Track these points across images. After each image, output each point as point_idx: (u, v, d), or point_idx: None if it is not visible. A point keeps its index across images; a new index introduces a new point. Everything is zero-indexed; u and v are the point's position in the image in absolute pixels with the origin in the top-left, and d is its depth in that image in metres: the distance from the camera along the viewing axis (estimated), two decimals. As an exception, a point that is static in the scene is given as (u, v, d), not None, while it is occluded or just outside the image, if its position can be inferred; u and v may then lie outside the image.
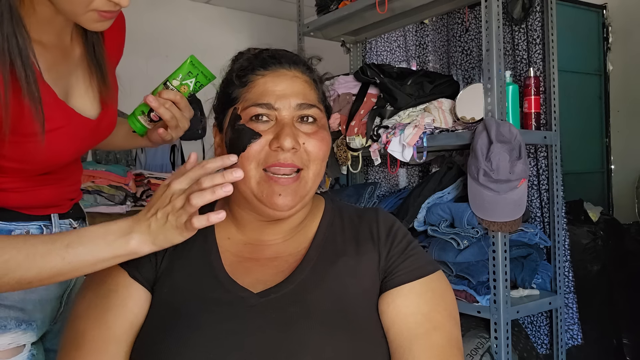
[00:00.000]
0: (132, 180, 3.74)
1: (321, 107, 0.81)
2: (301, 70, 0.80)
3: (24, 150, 0.82)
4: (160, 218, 0.65)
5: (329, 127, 0.86)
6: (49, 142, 0.81)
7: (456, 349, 0.72)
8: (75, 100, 0.89)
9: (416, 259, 0.77)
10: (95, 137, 0.96)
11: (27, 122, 0.78)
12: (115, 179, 3.62)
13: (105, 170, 3.66)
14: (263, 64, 0.79)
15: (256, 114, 0.75)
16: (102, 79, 0.92)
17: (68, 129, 0.86)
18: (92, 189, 3.50)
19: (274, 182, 0.73)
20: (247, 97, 0.78)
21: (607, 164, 2.97)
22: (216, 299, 0.72)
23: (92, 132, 0.93)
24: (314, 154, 0.76)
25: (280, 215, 0.76)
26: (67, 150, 0.89)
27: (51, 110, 0.81)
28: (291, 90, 0.77)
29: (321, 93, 0.83)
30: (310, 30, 2.34)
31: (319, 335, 0.67)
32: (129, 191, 3.66)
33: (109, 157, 4.45)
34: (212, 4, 5.01)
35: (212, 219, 0.63)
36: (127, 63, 1.41)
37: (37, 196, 0.92)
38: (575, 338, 1.97)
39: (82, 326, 0.72)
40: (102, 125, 0.95)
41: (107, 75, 0.94)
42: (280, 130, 0.74)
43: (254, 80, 0.78)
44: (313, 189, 0.78)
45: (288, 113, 0.76)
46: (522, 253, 1.73)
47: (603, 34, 2.96)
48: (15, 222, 0.91)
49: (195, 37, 4.77)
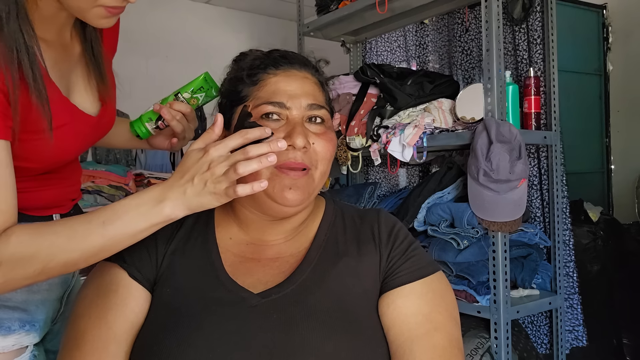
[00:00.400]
0: (132, 180, 3.74)
1: (328, 109, 0.82)
2: (311, 72, 0.82)
3: (31, 148, 0.81)
4: (197, 184, 0.66)
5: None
6: (56, 139, 0.80)
7: (457, 349, 0.72)
8: (77, 98, 0.89)
9: (417, 260, 0.77)
10: (96, 134, 0.96)
11: (34, 119, 0.77)
12: (115, 179, 3.62)
13: (105, 170, 3.66)
14: (275, 63, 0.80)
15: (268, 112, 0.76)
16: (100, 76, 0.92)
17: (72, 126, 0.86)
18: (92, 189, 3.50)
19: (285, 175, 0.74)
20: (259, 95, 0.78)
21: (607, 164, 2.97)
22: (217, 299, 0.72)
23: (94, 128, 0.93)
24: (322, 153, 0.77)
25: (287, 211, 0.77)
26: (72, 147, 0.89)
27: (57, 107, 0.81)
28: (302, 91, 0.78)
29: (327, 95, 0.85)
30: (310, 30, 2.34)
31: (320, 335, 0.67)
32: (129, 191, 3.66)
33: (109, 157, 4.45)
34: (212, 4, 5.01)
35: (255, 187, 0.64)
36: (127, 63, 1.43)
37: (40, 197, 0.92)
38: (580, 339, 1.97)
39: (82, 326, 0.72)
40: (102, 122, 0.95)
41: (105, 72, 0.94)
42: (292, 129, 0.75)
43: (266, 79, 0.79)
44: (318, 188, 0.79)
45: (298, 113, 0.77)
46: (522, 253, 1.73)
47: (603, 34, 2.96)
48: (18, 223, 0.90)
49: (195, 37, 4.77)
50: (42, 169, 0.89)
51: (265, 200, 0.76)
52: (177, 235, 0.80)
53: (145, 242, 0.78)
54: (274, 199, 0.75)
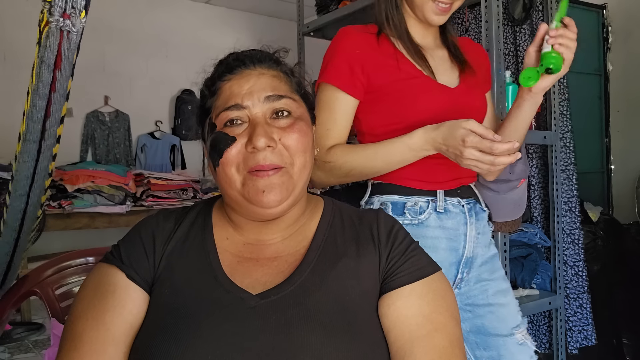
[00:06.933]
0: (131, 180, 3.74)
1: (295, 97, 0.79)
2: (267, 66, 0.79)
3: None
4: (450, 153, 0.99)
5: (314, 116, 0.85)
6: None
7: (458, 350, 0.72)
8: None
9: (416, 260, 0.77)
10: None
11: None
12: (115, 179, 3.63)
13: (105, 170, 3.66)
14: (228, 68, 0.79)
15: (229, 118, 0.75)
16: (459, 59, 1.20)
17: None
18: (92, 188, 3.50)
19: (256, 178, 0.73)
20: (217, 104, 0.77)
21: (607, 164, 2.97)
22: (215, 300, 0.71)
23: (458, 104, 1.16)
24: (293, 147, 0.75)
25: (271, 213, 0.75)
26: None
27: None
28: (258, 87, 0.76)
29: (295, 84, 0.82)
30: (310, 30, 2.34)
31: (319, 337, 0.67)
32: (129, 191, 3.66)
33: (109, 157, 4.46)
34: (212, 4, 5.01)
35: (512, 159, 0.91)
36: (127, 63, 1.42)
37: (426, 170, 1.13)
38: (590, 339, 1.96)
39: (80, 327, 0.71)
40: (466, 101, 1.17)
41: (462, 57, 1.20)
42: (252, 130, 0.73)
43: (221, 87, 0.78)
44: (301, 181, 0.77)
45: (259, 109, 0.75)
46: (522, 253, 1.73)
47: (603, 34, 2.96)
48: (408, 196, 1.14)
49: (195, 37, 4.78)
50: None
51: (248, 206, 0.75)
52: (174, 236, 0.79)
53: (143, 243, 0.78)
54: (253, 203, 0.74)
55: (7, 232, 1.25)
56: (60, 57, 0.88)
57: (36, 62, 0.90)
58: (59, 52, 0.88)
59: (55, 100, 0.96)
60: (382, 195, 1.17)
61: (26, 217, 1.24)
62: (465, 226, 1.15)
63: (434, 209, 1.13)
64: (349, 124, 1.16)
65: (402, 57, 1.14)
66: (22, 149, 1.03)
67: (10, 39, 3.98)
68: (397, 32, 1.16)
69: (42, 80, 0.91)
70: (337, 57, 1.14)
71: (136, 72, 4.56)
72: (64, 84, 0.94)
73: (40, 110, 0.96)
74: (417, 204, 1.13)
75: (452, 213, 1.14)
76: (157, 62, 4.68)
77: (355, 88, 1.13)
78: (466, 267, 1.16)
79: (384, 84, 1.12)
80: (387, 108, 1.13)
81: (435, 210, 1.13)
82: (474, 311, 1.18)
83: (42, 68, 0.89)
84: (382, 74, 1.12)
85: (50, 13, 0.83)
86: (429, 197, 1.14)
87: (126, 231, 0.82)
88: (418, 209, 1.13)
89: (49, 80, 0.91)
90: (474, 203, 1.19)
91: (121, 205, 3.57)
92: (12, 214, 1.20)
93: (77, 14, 0.84)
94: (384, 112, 1.14)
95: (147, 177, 3.83)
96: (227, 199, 0.79)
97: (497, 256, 1.24)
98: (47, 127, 1.00)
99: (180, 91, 4.77)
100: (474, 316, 1.18)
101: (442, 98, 1.12)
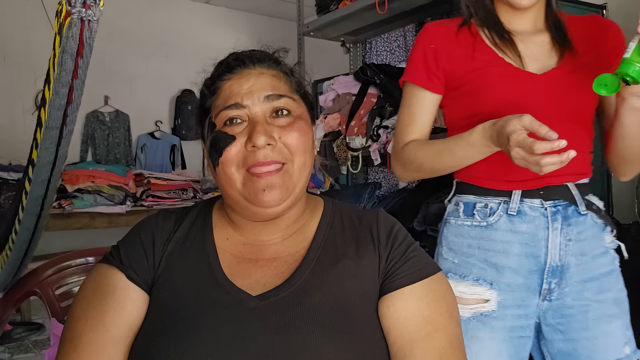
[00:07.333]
0: (131, 180, 3.74)
1: (295, 97, 0.79)
2: (267, 66, 0.80)
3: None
4: (505, 151, 0.93)
5: (313, 116, 0.85)
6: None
7: (458, 351, 0.72)
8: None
9: (417, 261, 0.77)
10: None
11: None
12: (115, 178, 3.63)
13: (105, 170, 3.66)
14: (228, 68, 0.79)
15: (228, 117, 0.75)
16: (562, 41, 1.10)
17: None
18: (92, 188, 3.50)
19: (257, 178, 0.73)
20: (217, 104, 0.78)
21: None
22: (215, 301, 0.71)
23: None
24: (293, 146, 0.75)
25: (271, 213, 0.75)
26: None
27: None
28: (257, 86, 0.76)
29: (295, 83, 0.82)
30: (310, 30, 2.34)
31: (319, 338, 0.67)
32: (129, 191, 3.66)
33: (109, 157, 4.46)
34: (212, 4, 5.01)
35: (563, 159, 0.85)
36: (127, 63, 1.43)
37: (503, 167, 1.05)
38: None
39: (80, 328, 0.71)
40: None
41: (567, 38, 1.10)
42: (252, 128, 0.73)
43: (221, 86, 0.78)
44: (301, 181, 0.77)
45: (259, 109, 0.75)
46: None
47: (603, 33, 2.96)
48: (481, 196, 1.09)
49: (195, 37, 4.78)
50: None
51: (248, 206, 0.75)
52: (174, 237, 0.79)
53: (143, 243, 0.78)
54: (253, 202, 0.74)
55: (26, 218, 1.29)
56: (82, 45, 0.92)
57: (57, 52, 0.93)
58: (80, 41, 0.91)
59: (77, 86, 0.99)
60: (461, 195, 1.13)
61: (45, 202, 1.28)
62: (546, 231, 1.04)
63: (505, 210, 1.05)
64: (429, 119, 1.14)
65: (480, 46, 1.10)
66: (44, 136, 1.06)
67: (10, 39, 3.98)
68: (483, 20, 1.11)
69: (65, 69, 0.94)
70: (414, 54, 1.14)
71: (136, 72, 4.56)
72: (85, 70, 0.98)
73: (63, 97, 1.00)
74: (488, 205, 1.07)
75: (528, 216, 1.05)
76: (157, 62, 4.68)
77: (431, 83, 1.11)
78: (554, 276, 1.05)
79: (459, 75, 1.10)
80: (463, 100, 1.10)
81: (507, 213, 1.05)
82: (567, 333, 1.06)
83: (64, 57, 0.92)
84: (457, 66, 1.10)
85: (70, 4, 0.86)
86: (502, 198, 1.06)
87: (126, 231, 0.82)
88: (488, 211, 1.07)
89: (72, 67, 0.95)
90: (565, 206, 1.07)
91: (121, 205, 3.57)
92: (33, 201, 1.24)
93: (97, 4, 0.87)
94: (461, 105, 1.11)
95: (147, 177, 3.83)
96: (227, 199, 0.79)
97: (615, 274, 1.12)
98: (69, 113, 1.04)
99: (180, 91, 4.77)
100: (565, 339, 1.06)
101: (521, 86, 1.04)
